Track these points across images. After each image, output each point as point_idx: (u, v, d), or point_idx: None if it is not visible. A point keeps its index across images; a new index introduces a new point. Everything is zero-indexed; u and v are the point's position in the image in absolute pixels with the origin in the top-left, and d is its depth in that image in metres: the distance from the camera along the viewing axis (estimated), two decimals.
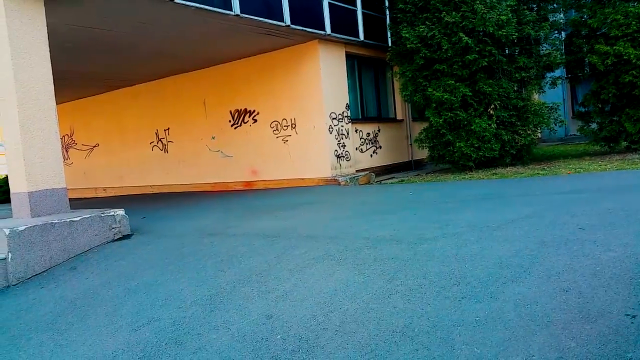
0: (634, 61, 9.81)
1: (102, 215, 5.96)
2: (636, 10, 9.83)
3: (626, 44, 9.91)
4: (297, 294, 3.50)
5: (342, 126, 11.01)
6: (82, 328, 3.56)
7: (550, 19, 11.13)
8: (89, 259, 5.37)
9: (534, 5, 11.02)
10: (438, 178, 10.11)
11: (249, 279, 3.95)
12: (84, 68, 11.33)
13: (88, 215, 5.79)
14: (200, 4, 7.78)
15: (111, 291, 4.25)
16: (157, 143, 14.23)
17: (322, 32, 10.32)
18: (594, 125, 11.41)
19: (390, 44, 11.90)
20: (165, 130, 13.96)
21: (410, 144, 13.02)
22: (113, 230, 6.06)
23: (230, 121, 12.31)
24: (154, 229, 6.66)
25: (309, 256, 4.32)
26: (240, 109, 12.09)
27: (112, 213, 6.10)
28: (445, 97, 9.89)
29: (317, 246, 4.63)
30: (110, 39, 8.98)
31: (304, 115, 10.94)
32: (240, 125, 12.12)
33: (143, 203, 10.93)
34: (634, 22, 9.84)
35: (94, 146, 16.18)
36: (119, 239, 6.06)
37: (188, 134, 13.31)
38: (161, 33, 9.10)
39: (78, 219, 5.64)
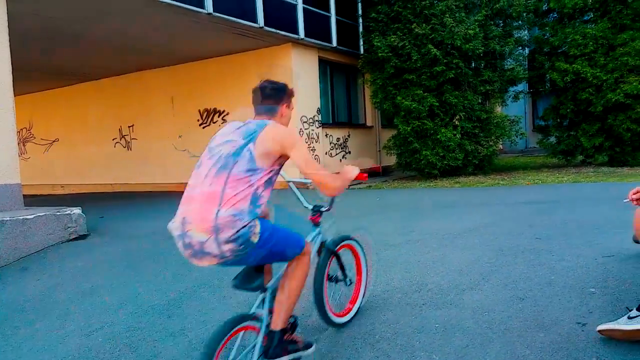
0: (590, 79, 10.22)
1: (58, 213, 5.72)
2: (593, 32, 10.28)
3: (584, 63, 10.33)
4: None
5: (313, 130, 11.03)
6: (30, 333, 3.40)
7: (515, 35, 11.48)
8: (42, 259, 5.16)
9: (500, 21, 11.35)
10: (404, 185, 10.25)
11: (209, 284, 3.88)
12: (47, 60, 10.96)
13: (43, 214, 5.55)
14: (173, 0, 7.66)
15: (63, 294, 4.09)
16: (120, 140, 13.87)
17: (296, 36, 10.32)
18: (552, 139, 11.82)
19: (362, 52, 12.02)
20: (129, 126, 13.62)
21: (379, 150, 13.15)
22: (69, 229, 5.81)
23: (198, 120, 12.14)
24: (113, 230, 6.47)
25: None
26: (210, 109, 11.94)
27: (69, 212, 5.86)
28: (414, 106, 10.06)
29: None
30: (77, 30, 8.71)
31: None
32: (209, 124, 11.96)
33: (102, 202, 10.64)
34: (590, 43, 10.27)
35: (54, 141, 15.62)
36: (75, 239, 5.83)
37: (153, 131, 13.03)
38: (131, 28, 8.90)
39: (32, 217, 5.39)
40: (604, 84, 10.16)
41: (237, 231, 2.05)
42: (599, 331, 2.37)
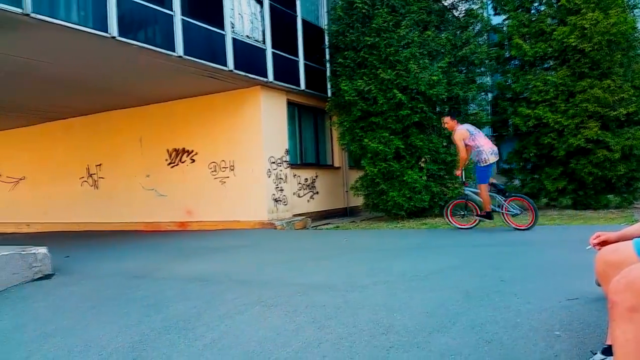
0: (551, 125, 10.65)
1: (23, 252, 5.57)
2: (553, 79, 10.79)
3: (545, 109, 10.77)
4: (226, 341, 3.41)
5: (281, 170, 11.10)
6: None
7: (478, 82, 11.99)
8: (5, 299, 4.96)
9: (463, 68, 11.87)
10: (372, 226, 10.34)
11: (175, 326, 3.80)
12: (14, 98, 10.80)
13: (7, 253, 5.39)
14: (143, 43, 7.75)
15: (26, 335, 3.93)
16: (88, 179, 13.63)
17: (265, 79, 10.52)
18: (517, 182, 12.16)
19: (329, 95, 12.31)
20: (97, 166, 13.43)
21: (347, 191, 13.28)
22: (33, 269, 5.65)
23: (167, 160, 12.07)
24: (78, 270, 6.29)
25: (240, 302, 4.25)
26: (178, 149, 11.91)
27: (34, 251, 5.71)
28: (380, 148, 10.29)
29: (249, 291, 4.56)
30: (47, 71, 8.65)
31: (243, 157, 10.94)
32: (177, 164, 11.91)
33: (68, 241, 10.33)
34: (551, 90, 10.76)
35: (20, 179, 15.26)
36: (39, 278, 5.65)
37: (121, 170, 12.87)
38: (102, 69, 8.91)
39: None
40: (565, 129, 10.58)
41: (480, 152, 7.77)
42: None
